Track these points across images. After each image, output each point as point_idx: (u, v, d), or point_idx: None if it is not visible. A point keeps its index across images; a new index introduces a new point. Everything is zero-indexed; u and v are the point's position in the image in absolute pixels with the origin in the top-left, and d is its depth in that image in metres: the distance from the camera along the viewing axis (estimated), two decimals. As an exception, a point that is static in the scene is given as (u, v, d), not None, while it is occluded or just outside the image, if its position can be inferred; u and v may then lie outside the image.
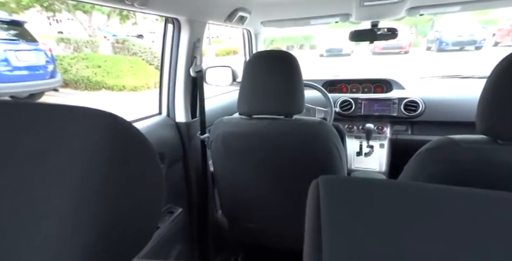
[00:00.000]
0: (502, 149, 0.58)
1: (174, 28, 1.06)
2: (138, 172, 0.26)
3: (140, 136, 0.27)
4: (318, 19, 1.52)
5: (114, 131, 0.24)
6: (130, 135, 0.26)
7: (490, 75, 0.62)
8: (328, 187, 0.35)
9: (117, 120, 0.25)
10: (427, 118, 1.52)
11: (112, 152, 0.24)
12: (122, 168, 0.24)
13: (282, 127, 0.89)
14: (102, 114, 0.25)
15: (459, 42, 10.44)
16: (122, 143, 0.25)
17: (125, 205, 0.25)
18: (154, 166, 0.28)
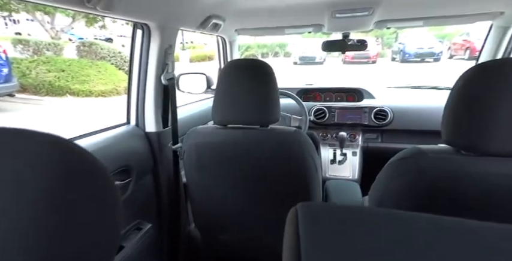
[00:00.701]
0: (465, 159, 0.61)
1: (143, 34, 1.01)
2: (85, 195, 0.24)
3: (85, 156, 0.25)
4: (292, 29, 1.55)
5: (53, 154, 0.23)
6: (72, 157, 0.24)
7: (453, 87, 0.65)
8: (307, 215, 0.33)
9: (57, 141, 0.23)
10: (396, 126, 1.59)
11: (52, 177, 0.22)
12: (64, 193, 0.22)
13: (257, 137, 0.88)
14: (41, 135, 0.23)
15: (420, 54, 11.31)
16: (62, 166, 0.23)
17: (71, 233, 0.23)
18: (104, 186, 0.26)
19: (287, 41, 14.98)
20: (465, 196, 0.62)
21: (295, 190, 0.92)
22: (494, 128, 0.57)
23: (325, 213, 0.33)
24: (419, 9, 1.26)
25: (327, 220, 0.32)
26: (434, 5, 1.19)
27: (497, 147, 0.57)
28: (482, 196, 0.61)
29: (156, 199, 1.14)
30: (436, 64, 10.81)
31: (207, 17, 1.17)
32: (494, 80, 0.58)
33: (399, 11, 1.29)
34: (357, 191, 1.09)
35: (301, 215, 0.33)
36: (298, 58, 12.48)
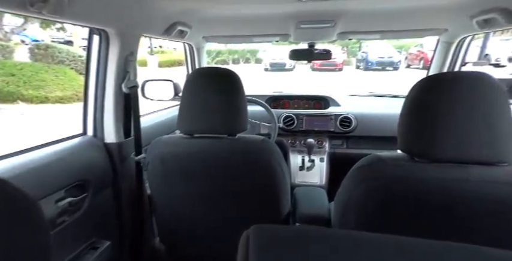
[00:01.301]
0: (418, 166, 0.65)
1: (101, 40, 0.95)
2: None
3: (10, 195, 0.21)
4: (260, 37, 1.57)
5: None
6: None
7: (406, 97, 0.70)
8: (258, 240, 0.32)
9: None
10: (359, 133, 1.67)
11: None
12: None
13: (225, 146, 0.86)
14: None
15: (381, 62, 12.15)
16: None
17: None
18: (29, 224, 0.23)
19: (258, 47, 15.22)
20: (419, 200, 0.66)
21: (264, 199, 0.92)
22: (442, 136, 0.61)
23: (279, 238, 0.33)
24: (375, 24, 1.35)
25: (280, 245, 0.32)
26: (388, 20, 1.29)
27: (445, 154, 0.62)
28: (434, 200, 0.65)
29: (117, 213, 1.07)
30: (395, 72, 11.67)
31: (172, 24, 1.14)
32: (440, 92, 0.63)
33: (358, 24, 1.37)
34: (324, 198, 1.11)
35: (252, 240, 0.32)
36: (269, 65, 12.72)
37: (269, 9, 1.16)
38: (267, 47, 13.46)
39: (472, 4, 1.01)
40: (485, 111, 0.60)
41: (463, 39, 1.38)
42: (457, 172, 0.62)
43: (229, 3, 1.07)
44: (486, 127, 0.59)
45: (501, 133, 0.59)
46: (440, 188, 0.64)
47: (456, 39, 1.39)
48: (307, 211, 1.02)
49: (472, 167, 0.61)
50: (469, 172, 0.61)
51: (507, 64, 8.23)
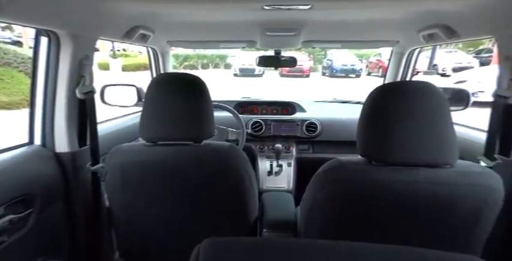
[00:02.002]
0: (375, 169, 0.69)
1: (50, 42, 0.88)
2: None
3: None
4: (226, 43, 1.57)
5: None
6: None
7: (364, 104, 0.74)
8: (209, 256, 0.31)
9: None
10: (324, 138, 1.73)
11: None
12: None
13: (190, 153, 0.84)
14: None
15: (345, 70, 12.87)
16: None
17: None
18: None
19: (227, 52, 15.25)
20: (376, 201, 0.70)
21: (231, 207, 0.90)
22: (394, 141, 0.66)
23: (230, 251, 0.32)
24: (336, 34, 1.42)
25: (231, 259, 0.31)
26: (347, 31, 1.37)
27: (398, 158, 0.66)
28: (390, 200, 0.69)
29: (69, 228, 0.98)
30: (357, 79, 12.42)
31: (132, 28, 1.09)
32: (393, 100, 0.68)
33: (321, 34, 1.44)
34: (291, 203, 1.13)
35: (203, 255, 0.31)
36: (238, 70, 12.79)
37: (234, 16, 1.17)
38: (237, 53, 13.54)
39: (418, 20, 1.11)
40: (431, 118, 0.65)
41: (413, 50, 1.52)
42: (409, 175, 0.66)
43: (192, 9, 1.05)
44: (432, 133, 0.65)
45: (444, 138, 0.65)
46: (395, 190, 0.68)
47: (407, 50, 1.52)
48: (274, 217, 1.02)
49: (421, 169, 0.66)
50: (418, 174, 0.66)
51: (451, 74, 9.17)
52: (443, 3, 0.89)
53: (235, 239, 0.35)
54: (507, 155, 0.87)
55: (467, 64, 9.60)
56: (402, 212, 0.70)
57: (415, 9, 1.01)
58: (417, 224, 0.71)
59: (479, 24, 0.93)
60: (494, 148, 0.90)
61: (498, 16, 0.84)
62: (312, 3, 0.90)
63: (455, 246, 0.72)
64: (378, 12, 1.09)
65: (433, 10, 0.98)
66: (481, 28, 0.94)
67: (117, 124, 1.41)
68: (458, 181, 0.66)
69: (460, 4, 0.86)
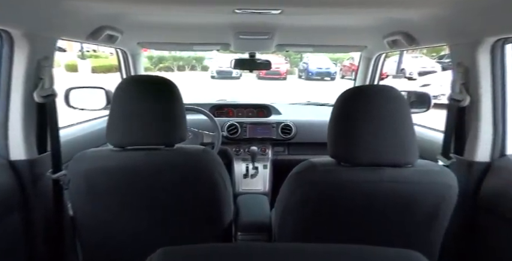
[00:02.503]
0: (343, 170, 0.72)
1: (1, 42, 0.82)
2: None
3: None
4: (200, 46, 1.56)
5: None
6: None
7: (333, 107, 0.77)
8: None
9: None
10: (299, 139, 1.77)
11: None
12: None
13: (162, 158, 0.82)
14: None
15: (320, 73, 13.25)
16: None
17: None
18: None
19: (204, 54, 15.08)
20: (346, 201, 0.73)
21: (205, 211, 0.89)
22: (362, 143, 0.69)
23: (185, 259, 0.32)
24: (308, 38, 1.47)
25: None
26: (319, 36, 1.42)
27: (364, 159, 0.70)
28: (358, 199, 0.72)
29: (26, 242, 0.91)
30: (332, 82, 12.85)
31: (98, 28, 1.05)
32: (359, 103, 0.71)
33: (293, 38, 1.47)
34: (265, 205, 1.14)
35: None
36: (215, 73, 12.70)
37: (206, 19, 1.16)
38: (214, 55, 13.46)
39: (383, 27, 1.18)
40: (394, 120, 0.69)
41: (379, 55, 1.60)
42: (375, 174, 0.70)
43: (161, 11, 1.03)
44: (395, 134, 0.69)
45: (406, 139, 0.69)
46: (362, 189, 0.71)
47: (374, 55, 1.60)
48: (248, 219, 1.02)
49: (386, 169, 0.70)
50: (383, 174, 0.70)
51: (417, 78, 9.78)
52: (403, 12, 0.95)
53: (189, 247, 0.35)
54: (461, 154, 0.95)
55: (431, 68, 10.29)
56: (369, 211, 0.73)
57: (379, 16, 1.07)
58: (383, 222, 0.75)
59: (435, 33, 1.00)
60: (450, 148, 0.98)
61: (450, 26, 0.91)
62: (282, 8, 0.92)
63: (416, 242, 0.76)
64: (347, 19, 1.14)
65: (395, 18, 1.04)
66: (436, 36, 1.01)
67: (83, 129, 1.33)
68: (419, 179, 0.70)
69: (418, 14, 0.93)
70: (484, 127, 0.89)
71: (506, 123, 0.88)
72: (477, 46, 0.85)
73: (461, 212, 0.86)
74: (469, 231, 0.93)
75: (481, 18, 0.80)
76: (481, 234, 0.92)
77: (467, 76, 0.90)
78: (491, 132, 0.89)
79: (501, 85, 0.86)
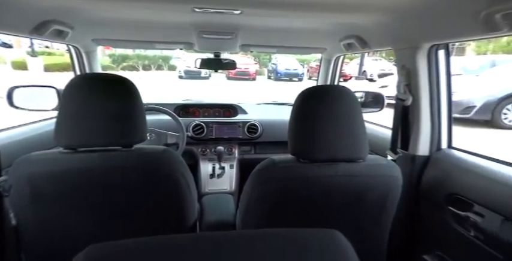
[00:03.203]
0: (302, 166, 0.76)
1: None
2: None
3: None
4: (161, 44, 1.52)
5: None
6: None
7: (292, 106, 0.80)
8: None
9: None
10: (266, 138, 1.80)
11: None
12: None
13: (118, 159, 0.78)
14: None
15: (288, 74, 13.56)
16: None
17: None
18: None
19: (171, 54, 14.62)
20: (305, 195, 0.77)
21: (168, 212, 0.87)
22: (319, 141, 0.73)
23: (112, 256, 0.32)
24: (271, 39, 1.50)
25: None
26: (281, 37, 1.46)
27: (321, 155, 0.74)
28: (315, 193, 0.76)
29: None
30: (300, 83, 13.23)
31: (42, 22, 0.97)
32: (315, 102, 0.75)
33: (257, 39, 1.50)
34: (230, 204, 1.14)
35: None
36: (183, 73, 12.37)
37: (167, 17, 1.14)
38: (181, 54, 13.11)
39: (339, 30, 1.25)
40: (347, 119, 0.74)
41: (338, 57, 1.69)
42: (330, 169, 0.75)
43: (114, 7, 0.99)
44: (348, 132, 0.74)
45: (358, 136, 0.75)
46: (320, 183, 0.75)
47: (333, 57, 1.69)
48: (212, 219, 1.02)
49: (340, 164, 0.75)
50: (338, 169, 0.75)
51: (377, 79, 10.47)
52: (355, 17, 1.02)
53: (117, 243, 0.34)
54: (406, 149, 1.04)
55: (389, 71, 11.06)
56: (327, 203, 0.78)
57: (335, 21, 1.13)
58: (340, 212, 0.80)
59: (382, 38, 1.09)
60: (397, 143, 1.07)
61: (394, 32, 1.00)
62: (242, 8, 0.93)
63: (369, 228, 0.83)
64: (306, 22, 1.19)
65: (349, 23, 1.11)
66: (383, 41, 1.10)
67: (28, 131, 1.23)
68: (369, 172, 0.77)
69: (368, 20, 1.00)
70: (424, 124, 0.99)
71: (441, 120, 0.99)
72: (416, 51, 0.94)
73: (406, 201, 0.95)
74: (413, 218, 1.03)
75: (418, 26, 0.89)
76: (422, 220, 1.02)
77: (409, 78, 0.99)
78: (429, 129, 0.99)
79: (436, 86, 0.97)
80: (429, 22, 0.83)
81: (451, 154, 0.98)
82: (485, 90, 4.71)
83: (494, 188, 0.78)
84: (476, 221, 0.79)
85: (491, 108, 4.53)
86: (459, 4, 0.70)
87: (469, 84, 5.08)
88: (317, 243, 0.33)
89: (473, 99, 4.65)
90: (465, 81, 5.38)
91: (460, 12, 0.71)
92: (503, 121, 4.54)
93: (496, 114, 4.54)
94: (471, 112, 4.63)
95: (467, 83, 5.13)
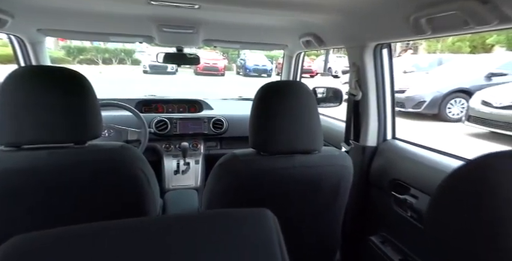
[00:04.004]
0: (262, 159, 0.79)
1: None
2: None
3: None
4: (118, 37, 1.44)
5: None
6: None
7: (252, 101, 0.83)
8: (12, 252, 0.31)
9: None
10: (231, 134, 1.81)
11: None
12: None
13: (70, 156, 0.74)
14: None
15: (257, 69, 13.63)
16: None
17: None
18: None
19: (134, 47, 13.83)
20: (265, 187, 0.80)
21: (127, 209, 0.84)
22: (276, 134, 0.77)
23: (36, 245, 0.32)
24: (234, 35, 1.51)
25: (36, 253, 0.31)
26: (243, 33, 1.48)
27: (280, 148, 0.78)
28: (275, 184, 0.80)
29: None
30: (269, 79, 13.38)
31: None
32: (273, 97, 0.79)
33: (219, 34, 1.49)
34: (194, 199, 1.15)
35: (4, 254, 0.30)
36: (148, 67, 11.82)
37: (122, 8, 1.09)
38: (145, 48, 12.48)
39: (298, 28, 1.30)
40: (303, 113, 0.79)
41: (299, 54, 1.76)
42: (288, 161, 0.79)
43: None
44: (304, 126, 0.78)
45: (313, 129, 0.80)
46: (278, 175, 0.79)
47: (294, 53, 1.75)
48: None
49: (297, 156, 0.79)
50: (295, 160, 0.79)
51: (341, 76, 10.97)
52: (311, 16, 1.07)
53: (42, 233, 0.34)
54: (357, 140, 1.13)
55: (352, 67, 11.64)
56: (287, 193, 0.82)
57: (293, 19, 1.17)
58: (299, 201, 0.85)
59: (335, 36, 1.16)
60: (350, 135, 1.16)
61: (344, 31, 1.07)
62: (200, 3, 0.93)
63: (325, 214, 0.89)
64: (267, 19, 1.22)
65: (306, 21, 1.16)
66: (337, 39, 1.17)
67: None
68: (323, 163, 0.82)
69: (322, 19, 1.06)
70: (372, 118, 1.09)
71: (386, 113, 1.09)
72: (363, 49, 1.02)
73: (357, 188, 1.04)
74: (363, 203, 1.13)
75: (365, 27, 0.97)
76: (371, 204, 1.12)
77: (359, 74, 1.07)
78: (376, 122, 1.09)
79: (382, 82, 1.06)
80: (372, 23, 0.91)
81: (395, 144, 1.08)
82: (433, 86, 5.20)
83: (425, 172, 0.89)
84: (412, 202, 0.90)
85: (438, 102, 5.03)
86: (393, 9, 0.78)
87: (420, 80, 5.58)
88: (247, 221, 0.35)
89: (423, 95, 5.12)
90: (417, 77, 5.90)
91: (394, 16, 0.79)
92: (448, 115, 5.07)
93: (442, 109, 5.04)
94: (422, 106, 5.11)
95: (419, 80, 5.63)
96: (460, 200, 0.31)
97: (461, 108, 4.98)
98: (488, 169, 0.27)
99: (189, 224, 0.35)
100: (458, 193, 0.32)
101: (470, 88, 4.86)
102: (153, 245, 0.32)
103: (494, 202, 0.26)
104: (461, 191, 0.31)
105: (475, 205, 0.29)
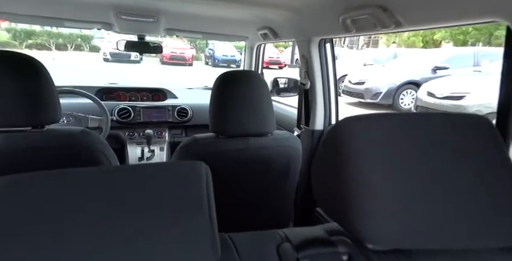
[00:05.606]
0: (221, 142, 0.88)
1: None
2: None
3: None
4: (73, 22, 1.41)
5: None
6: None
7: (211, 89, 0.91)
8: None
9: None
10: (196, 122, 1.87)
11: None
12: None
13: (27, 141, 0.75)
14: None
15: (226, 60, 13.45)
16: None
17: None
18: None
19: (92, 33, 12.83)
20: (224, 167, 0.88)
21: None
22: (232, 118, 0.86)
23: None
24: (195, 25, 1.54)
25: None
26: (205, 24, 1.52)
27: (236, 131, 0.87)
28: (233, 165, 0.90)
29: None
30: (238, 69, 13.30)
31: None
32: (229, 85, 0.87)
33: (181, 24, 1.52)
34: None
35: None
36: (109, 55, 11.08)
37: None
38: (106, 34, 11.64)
39: (255, 21, 1.38)
40: (256, 100, 0.88)
41: (259, 45, 1.85)
42: (243, 143, 0.89)
43: None
44: (257, 111, 0.88)
45: (266, 114, 0.89)
46: (235, 156, 0.89)
47: (255, 45, 1.83)
48: None
49: (251, 138, 0.89)
50: (249, 142, 0.89)
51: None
52: (266, 11, 1.15)
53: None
54: (308, 125, 1.27)
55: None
56: (243, 173, 0.92)
57: (251, 12, 1.25)
58: (254, 180, 0.95)
59: (287, 30, 1.27)
60: (301, 121, 1.29)
61: (294, 26, 1.18)
62: None
63: (278, 191, 1.01)
64: (227, 11, 1.27)
65: (263, 15, 1.25)
66: (288, 33, 1.28)
67: None
68: (275, 144, 0.93)
69: (276, 13, 1.15)
70: (319, 105, 1.22)
71: (331, 100, 1.24)
72: (311, 43, 1.14)
73: (306, 168, 1.17)
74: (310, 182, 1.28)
75: (310, 23, 1.08)
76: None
77: (307, 66, 1.20)
78: (323, 108, 1.23)
79: (326, 73, 1.20)
80: (315, 20, 1.03)
81: None
82: (389, 79, 5.65)
83: None
84: None
85: (392, 94, 5.50)
86: (328, 9, 0.90)
87: (377, 73, 6.01)
88: (180, 172, 0.40)
89: (380, 86, 5.56)
90: (375, 70, 6.34)
91: (330, 15, 0.91)
92: (400, 105, 5.57)
93: (396, 99, 5.53)
94: (378, 97, 5.55)
95: (376, 72, 6.06)
96: (325, 151, 0.43)
97: (411, 98, 5.51)
98: (343, 127, 0.39)
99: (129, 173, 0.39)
100: (325, 144, 0.44)
101: (419, 80, 5.38)
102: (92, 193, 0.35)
103: (343, 149, 0.38)
104: (327, 143, 0.43)
105: (332, 152, 0.41)
